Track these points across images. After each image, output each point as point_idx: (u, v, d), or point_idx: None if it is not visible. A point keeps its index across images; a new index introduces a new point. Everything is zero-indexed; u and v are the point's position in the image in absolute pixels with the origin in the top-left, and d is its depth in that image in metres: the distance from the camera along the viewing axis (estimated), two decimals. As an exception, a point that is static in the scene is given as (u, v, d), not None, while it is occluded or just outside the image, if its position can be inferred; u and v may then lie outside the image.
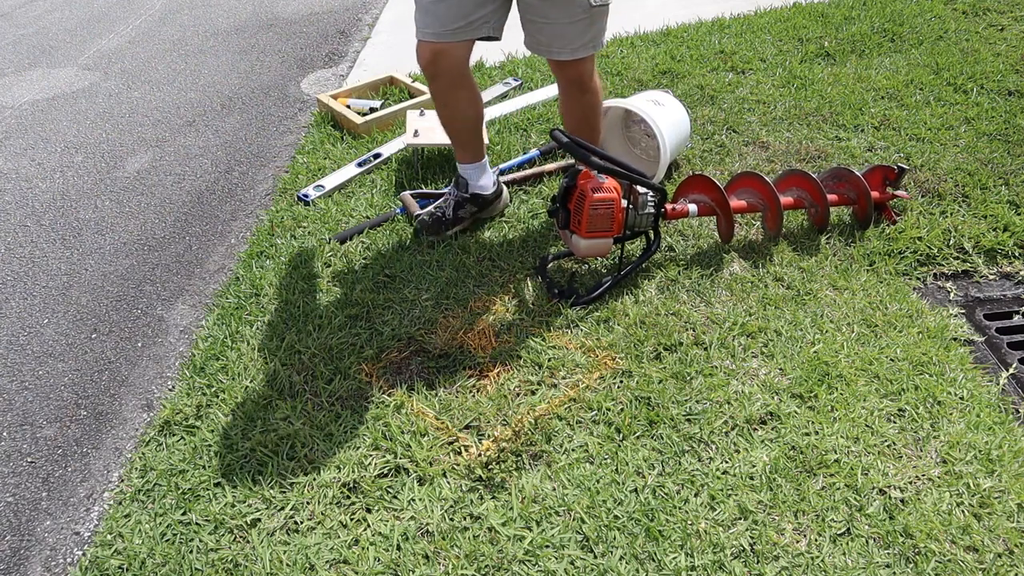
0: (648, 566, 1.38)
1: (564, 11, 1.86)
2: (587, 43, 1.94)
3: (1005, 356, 1.87)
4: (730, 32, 3.75)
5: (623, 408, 1.69)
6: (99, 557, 1.46)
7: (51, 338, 2.11)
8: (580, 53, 1.94)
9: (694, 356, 1.82)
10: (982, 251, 2.20)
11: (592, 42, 1.95)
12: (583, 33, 1.91)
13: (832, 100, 3.00)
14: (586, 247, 1.99)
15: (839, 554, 1.38)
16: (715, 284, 2.06)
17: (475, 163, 2.25)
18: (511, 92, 3.26)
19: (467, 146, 2.22)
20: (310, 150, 2.90)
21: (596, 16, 1.90)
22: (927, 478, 1.52)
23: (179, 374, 1.92)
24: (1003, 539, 1.41)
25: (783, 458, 1.56)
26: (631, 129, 2.73)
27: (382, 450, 1.62)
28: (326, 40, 4.26)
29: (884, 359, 1.81)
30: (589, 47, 1.95)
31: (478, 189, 2.27)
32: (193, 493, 1.57)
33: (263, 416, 1.72)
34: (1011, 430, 1.63)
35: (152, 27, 4.60)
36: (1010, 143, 2.65)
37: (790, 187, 2.26)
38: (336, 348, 1.89)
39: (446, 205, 2.26)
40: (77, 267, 2.41)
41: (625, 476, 1.53)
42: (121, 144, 3.18)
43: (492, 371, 1.81)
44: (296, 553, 1.43)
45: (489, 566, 1.38)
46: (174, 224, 2.63)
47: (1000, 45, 3.41)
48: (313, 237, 2.35)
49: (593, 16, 1.89)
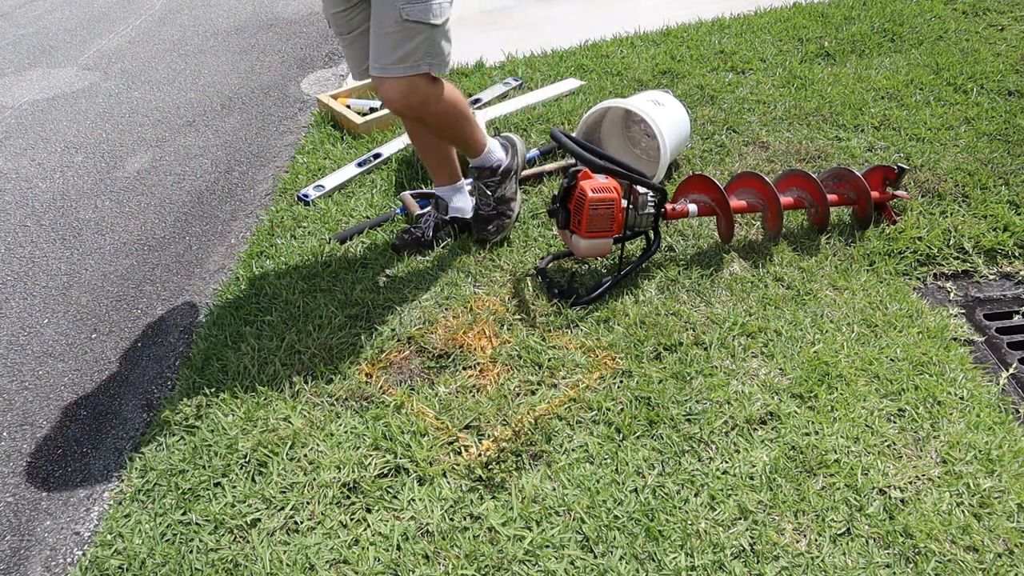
0: (648, 566, 1.37)
1: (379, 18, 1.74)
2: (396, 61, 1.75)
3: (1005, 356, 1.87)
4: (730, 32, 3.76)
5: (623, 408, 1.69)
6: (99, 557, 1.46)
7: (51, 338, 2.11)
8: (390, 71, 1.76)
9: (694, 356, 1.82)
10: (982, 251, 2.20)
11: (404, 63, 1.75)
12: (393, 48, 1.74)
13: (832, 100, 3.00)
14: (586, 247, 1.99)
15: (839, 554, 1.38)
16: (715, 284, 2.06)
17: (451, 184, 2.27)
18: (511, 92, 3.26)
19: (435, 170, 2.26)
20: (310, 150, 2.90)
21: (410, 33, 1.72)
22: (927, 478, 1.52)
23: (179, 374, 1.92)
24: (1003, 539, 1.41)
25: (783, 458, 1.56)
26: (631, 129, 2.73)
27: (382, 450, 1.62)
28: (326, 40, 4.26)
29: (884, 359, 1.81)
30: (399, 67, 1.76)
31: (457, 212, 2.26)
32: (193, 493, 1.56)
33: (263, 416, 1.72)
34: (1011, 430, 1.63)
35: (152, 27, 4.60)
36: (1010, 143, 2.65)
37: (790, 187, 2.26)
38: (336, 348, 1.89)
39: (425, 226, 2.26)
40: (77, 267, 2.41)
41: (625, 476, 1.53)
42: (121, 144, 3.18)
43: (492, 371, 1.81)
44: (296, 553, 1.43)
45: (489, 566, 1.38)
46: (174, 224, 2.63)
47: (1000, 45, 3.41)
48: (313, 237, 2.35)
49: (407, 32, 1.72)
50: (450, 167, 2.25)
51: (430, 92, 1.85)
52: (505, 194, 2.20)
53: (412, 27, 1.71)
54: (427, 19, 1.72)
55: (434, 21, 1.73)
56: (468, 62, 3.58)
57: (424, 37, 1.73)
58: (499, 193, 2.18)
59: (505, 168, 2.19)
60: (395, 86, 1.78)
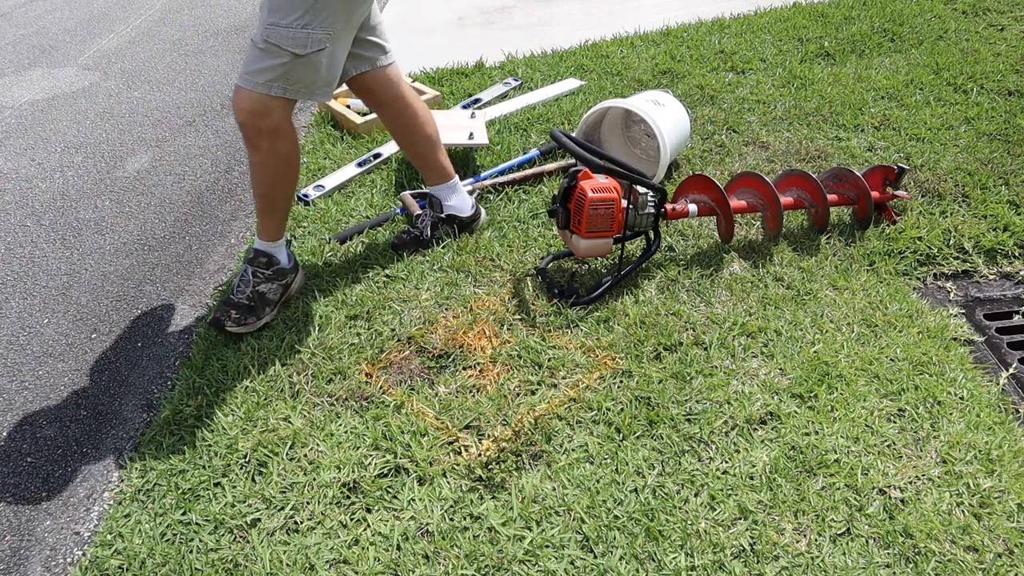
0: (648, 566, 1.37)
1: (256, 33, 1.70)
2: (253, 73, 1.70)
3: (1005, 356, 1.87)
4: (730, 32, 3.76)
5: (623, 408, 1.69)
6: (99, 557, 1.46)
7: (51, 338, 2.11)
8: (243, 81, 1.71)
9: (694, 356, 1.82)
10: (982, 251, 2.20)
11: (258, 77, 1.69)
12: (254, 60, 1.70)
13: (832, 100, 3.00)
14: (586, 247, 1.99)
15: (839, 554, 1.38)
16: (715, 284, 2.06)
17: (443, 183, 2.24)
18: (511, 92, 3.26)
19: (426, 169, 2.22)
20: (310, 150, 2.90)
21: (271, 54, 1.67)
22: (927, 478, 1.52)
23: (179, 374, 1.92)
24: (1003, 539, 1.41)
25: (783, 458, 1.56)
26: (631, 129, 2.73)
27: (382, 450, 1.62)
28: (326, 40, 4.26)
29: (884, 359, 1.81)
30: (253, 80, 1.70)
31: (452, 210, 2.25)
32: (193, 493, 1.56)
33: (263, 416, 1.72)
34: (1011, 430, 1.63)
35: (152, 27, 4.60)
36: (1010, 143, 2.65)
37: (790, 187, 2.26)
38: (336, 348, 1.89)
39: (423, 225, 2.24)
40: (77, 267, 2.41)
41: (625, 476, 1.53)
42: (121, 144, 3.18)
43: (492, 371, 1.81)
44: (296, 553, 1.43)
45: (489, 566, 1.38)
46: (174, 224, 2.63)
47: (1000, 45, 3.41)
48: (313, 237, 2.35)
49: (269, 51, 1.67)
50: (438, 167, 2.22)
51: (281, 126, 1.79)
52: (267, 294, 1.97)
53: (273, 49, 1.67)
54: (288, 46, 1.66)
55: (296, 51, 1.67)
56: (468, 62, 3.58)
57: (282, 63, 1.68)
58: (262, 288, 1.96)
59: (280, 269, 1.99)
60: (247, 97, 1.72)
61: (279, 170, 1.87)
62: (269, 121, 1.75)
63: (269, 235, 1.98)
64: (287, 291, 2.04)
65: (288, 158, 1.86)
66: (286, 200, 1.96)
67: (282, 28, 1.65)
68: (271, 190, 1.91)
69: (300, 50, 1.68)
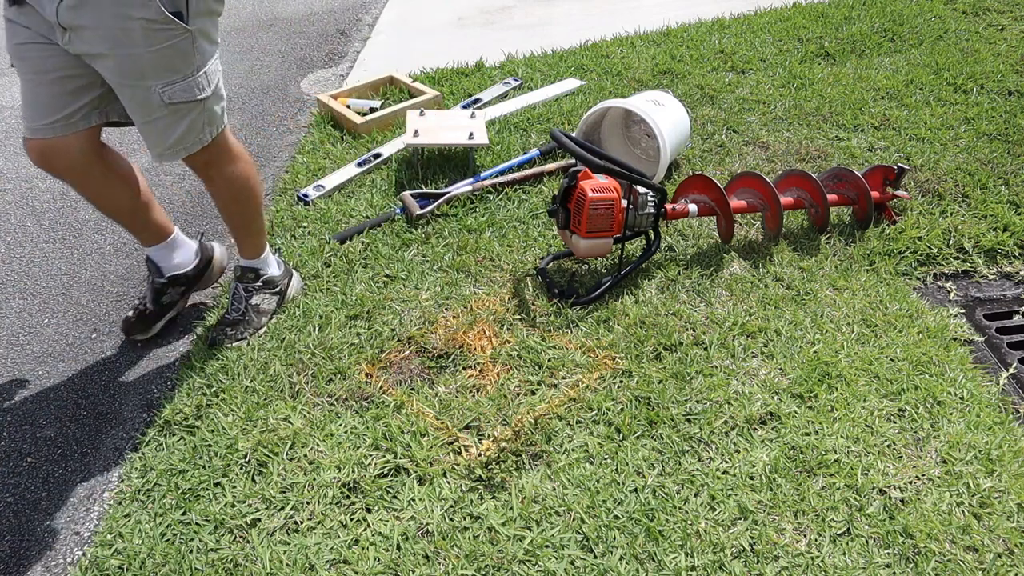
0: (648, 566, 1.37)
1: (136, 105, 1.54)
2: (173, 145, 1.60)
3: (1005, 356, 1.87)
4: (730, 32, 3.76)
5: (623, 408, 1.69)
6: (99, 557, 1.46)
7: (51, 338, 2.11)
8: (167, 157, 1.63)
9: (694, 356, 1.82)
10: (982, 251, 2.20)
11: (182, 144, 1.61)
12: (165, 133, 1.59)
13: (832, 100, 3.00)
14: (586, 247, 1.99)
15: (839, 554, 1.38)
16: (715, 284, 2.06)
17: (159, 244, 1.98)
18: (511, 92, 3.26)
19: (139, 230, 1.94)
20: (310, 150, 2.90)
21: (179, 115, 1.56)
22: (927, 478, 1.52)
23: (179, 374, 1.92)
24: (1003, 539, 1.41)
25: (783, 458, 1.56)
26: (631, 129, 2.73)
27: (382, 450, 1.62)
28: (326, 40, 4.26)
29: (884, 359, 1.81)
30: (179, 149, 1.62)
31: (174, 270, 2.00)
32: (193, 493, 1.56)
33: (263, 416, 1.72)
34: (1011, 430, 1.63)
35: (152, 27, 4.60)
36: (1010, 143, 2.65)
37: (790, 187, 2.26)
38: (336, 348, 1.89)
39: (144, 297, 2.03)
40: (77, 267, 2.41)
41: (625, 476, 1.53)
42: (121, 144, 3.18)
43: (492, 371, 1.81)
44: (296, 553, 1.43)
45: (489, 566, 1.38)
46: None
47: (1000, 45, 3.41)
48: (313, 237, 2.35)
49: (176, 115, 1.56)
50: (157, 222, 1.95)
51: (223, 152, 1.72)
52: (261, 305, 1.97)
53: (180, 108, 1.55)
54: (193, 96, 1.55)
55: (201, 95, 1.57)
56: (468, 62, 3.58)
57: (196, 114, 1.59)
58: (255, 300, 1.96)
59: (269, 279, 1.98)
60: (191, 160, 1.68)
61: (239, 190, 1.81)
62: (212, 156, 1.71)
63: (251, 252, 1.95)
64: (283, 297, 2.04)
65: (245, 177, 1.80)
66: (258, 216, 1.91)
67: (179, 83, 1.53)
68: (239, 213, 1.86)
69: (205, 92, 1.58)
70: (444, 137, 2.58)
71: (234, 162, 1.77)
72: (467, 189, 2.46)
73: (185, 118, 1.58)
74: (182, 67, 1.52)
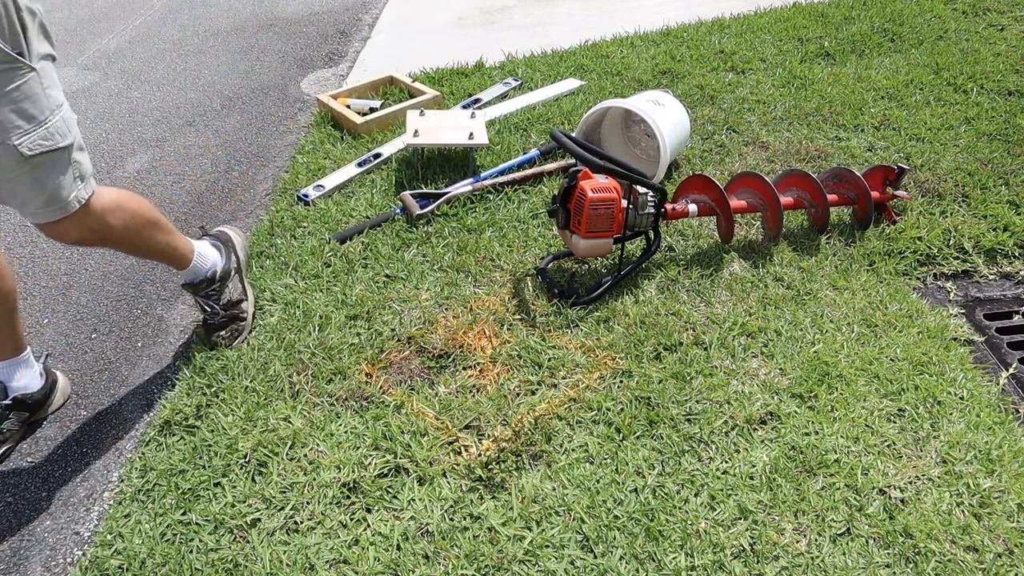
0: (648, 566, 1.37)
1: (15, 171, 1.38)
2: (45, 204, 1.44)
3: (1005, 356, 1.87)
4: (730, 32, 3.76)
5: (623, 408, 1.69)
6: (99, 557, 1.46)
7: (51, 338, 2.11)
8: (42, 217, 1.47)
9: (694, 356, 1.82)
10: (982, 251, 2.20)
11: (56, 203, 1.45)
12: (33, 191, 1.42)
13: (832, 100, 3.00)
14: (586, 247, 1.99)
15: (839, 554, 1.38)
16: (715, 284, 2.06)
17: (9, 360, 1.76)
18: (511, 92, 3.26)
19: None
20: (310, 150, 2.90)
21: (43, 167, 1.40)
22: (927, 478, 1.52)
23: (179, 374, 1.92)
24: (1003, 539, 1.41)
25: (783, 458, 1.56)
26: (631, 129, 2.73)
27: (382, 450, 1.62)
28: (326, 40, 4.26)
29: (884, 359, 1.81)
30: (54, 209, 1.46)
31: (19, 392, 1.74)
32: (193, 493, 1.56)
33: (263, 416, 1.72)
34: (1011, 430, 1.63)
35: (152, 27, 4.60)
36: (1010, 143, 2.65)
37: (790, 187, 2.26)
38: (336, 348, 1.89)
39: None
40: (77, 267, 2.41)
41: (625, 476, 1.53)
42: (121, 144, 3.18)
43: (492, 371, 1.81)
44: (296, 553, 1.43)
45: (489, 566, 1.38)
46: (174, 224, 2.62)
47: (1000, 45, 3.41)
48: (313, 237, 2.35)
49: (39, 168, 1.40)
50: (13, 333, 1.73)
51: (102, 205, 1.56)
52: (232, 297, 1.93)
53: (42, 160, 1.39)
54: (56, 143, 1.40)
55: (63, 142, 1.42)
56: (468, 62, 3.58)
57: (63, 163, 1.43)
58: (225, 299, 1.92)
59: (223, 272, 1.92)
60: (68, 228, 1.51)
61: (138, 228, 1.68)
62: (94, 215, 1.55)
63: (182, 264, 1.88)
64: (240, 266, 2.02)
65: (135, 210, 1.67)
66: (167, 234, 1.80)
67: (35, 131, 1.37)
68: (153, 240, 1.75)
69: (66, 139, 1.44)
70: (444, 137, 2.58)
71: (116, 209, 1.61)
72: (467, 189, 2.46)
73: (52, 170, 1.43)
74: (35, 113, 1.37)
